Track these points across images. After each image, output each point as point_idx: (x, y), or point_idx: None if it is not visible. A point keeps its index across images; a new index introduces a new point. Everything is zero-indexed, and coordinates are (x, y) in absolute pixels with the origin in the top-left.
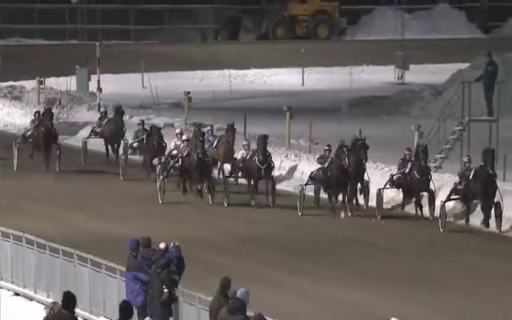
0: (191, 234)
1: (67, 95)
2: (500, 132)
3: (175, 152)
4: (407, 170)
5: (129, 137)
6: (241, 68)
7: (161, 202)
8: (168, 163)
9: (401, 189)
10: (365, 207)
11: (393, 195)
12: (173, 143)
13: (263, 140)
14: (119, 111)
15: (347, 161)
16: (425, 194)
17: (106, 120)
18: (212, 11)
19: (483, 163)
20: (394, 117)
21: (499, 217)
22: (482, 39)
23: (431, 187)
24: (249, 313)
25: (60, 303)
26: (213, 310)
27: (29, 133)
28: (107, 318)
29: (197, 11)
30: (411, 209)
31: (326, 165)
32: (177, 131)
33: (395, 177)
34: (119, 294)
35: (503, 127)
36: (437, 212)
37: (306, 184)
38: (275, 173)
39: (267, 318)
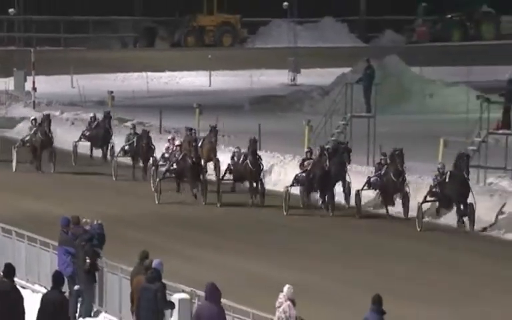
0: (119, 213)
1: (6, 93)
2: (377, 127)
3: (167, 155)
4: (383, 172)
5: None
6: (156, 71)
7: (157, 202)
8: (160, 165)
9: (377, 191)
10: (346, 206)
11: (373, 196)
12: (165, 147)
13: (253, 142)
14: (107, 116)
15: (327, 163)
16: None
17: (95, 124)
18: (131, 22)
19: (455, 167)
20: (288, 113)
21: (471, 217)
22: (362, 47)
23: (406, 188)
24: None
25: (1, 272)
26: (133, 279)
27: (27, 138)
28: (41, 286)
29: (118, 22)
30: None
31: (309, 168)
32: (169, 136)
33: (372, 179)
34: (52, 265)
35: (379, 122)
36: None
37: (291, 185)
38: None
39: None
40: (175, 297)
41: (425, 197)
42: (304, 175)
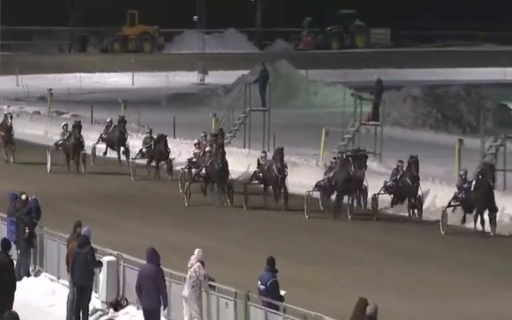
0: (58, 191)
1: None
2: (271, 119)
3: (194, 160)
4: (398, 177)
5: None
6: (88, 72)
7: (187, 204)
8: (190, 169)
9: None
10: (363, 209)
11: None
12: (192, 152)
13: (281, 152)
14: (122, 121)
15: (352, 168)
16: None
17: (111, 128)
18: (67, 31)
19: (481, 175)
20: (198, 107)
21: (493, 221)
22: (258, 53)
23: (419, 193)
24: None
25: None
26: (69, 244)
27: (60, 142)
28: None
29: (56, 31)
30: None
31: (331, 174)
32: (195, 141)
33: (388, 184)
34: (1, 233)
35: (272, 115)
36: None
37: (313, 190)
38: None
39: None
40: (104, 259)
41: (450, 202)
42: (326, 180)
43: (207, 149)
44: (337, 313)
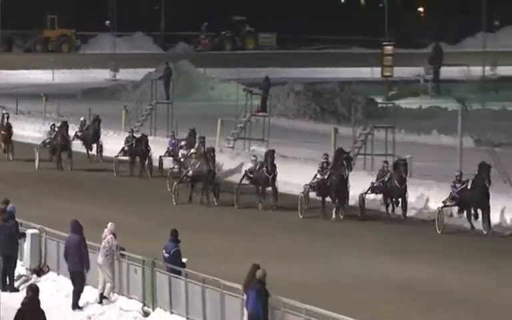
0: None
1: None
2: (174, 110)
3: (182, 160)
4: (386, 178)
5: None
6: (13, 69)
7: (174, 204)
8: (178, 170)
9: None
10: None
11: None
12: (180, 153)
13: (272, 154)
14: (97, 120)
15: (346, 172)
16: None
17: (85, 127)
18: None
19: (476, 175)
20: (110, 100)
21: (487, 220)
22: (162, 54)
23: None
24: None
25: None
26: None
27: (48, 141)
28: None
29: None
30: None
31: (326, 176)
32: (182, 143)
33: (375, 184)
34: None
35: (175, 107)
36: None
37: (308, 191)
38: None
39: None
40: (28, 232)
41: (445, 202)
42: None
43: (193, 151)
44: (233, 277)
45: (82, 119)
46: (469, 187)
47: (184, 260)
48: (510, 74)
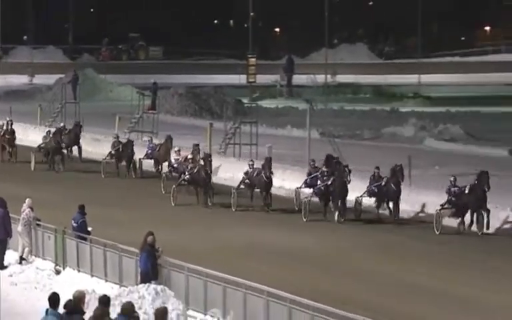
0: None
1: None
2: (81, 109)
3: (176, 165)
4: (383, 183)
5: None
6: None
7: (173, 205)
8: (171, 173)
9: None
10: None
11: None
12: (173, 158)
13: (269, 161)
14: (78, 125)
15: (349, 178)
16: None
17: (67, 131)
18: None
19: (477, 181)
20: (27, 100)
21: (481, 222)
22: (70, 63)
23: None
24: None
25: None
26: None
27: (43, 145)
28: None
29: None
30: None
31: (330, 182)
32: (176, 148)
33: (372, 188)
34: None
35: (82, 106)
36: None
37: (311, 197)
38: None
39: None
40: None
41: (443, 205)
42: (322, 187)
43: (189, 156)
44: (131, 243)
45: (61, 124)
46: (466, 191)
47: (89, 229)
48: (346, 81)
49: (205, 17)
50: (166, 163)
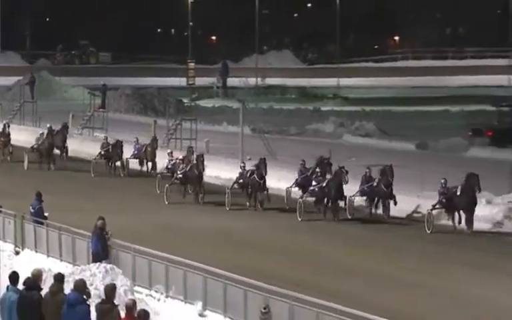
0: None
1: None
2: (38, 107)
3: (170, 166)
4: (375, 184)
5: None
6: None
7: (167, 203)
8: (166, 174)
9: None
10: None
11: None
12: (167, 160)
13: (264, 162)
14: (65, 127)
15: (346, 179)
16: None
17: (55, 132)
18: None
19: (467, 182)
20: None
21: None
22: (28, 66)
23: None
24: None
25: None
26: None
27: (36, 146)
28: None
29: None
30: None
31: (324, 184)
32: (168, 151)
33: (365, 188)
34: None
35: (39, 105)
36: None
37: (306, 196)
38: None
39: None
40: None
41: (434, 206)
42: (317, 188)
43: (181, 157)
44: (85, 227)
45: (48, 125)
46: (458, 193)
47: (46, 214)
48: (274, 83)
49: (150, 26)
50: (153, 162)
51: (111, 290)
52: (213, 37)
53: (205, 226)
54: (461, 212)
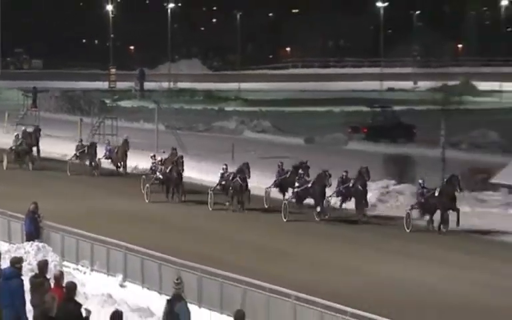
0: None
1: None
2: None
3: (154, 168)
4: (351, 184)
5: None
6: None
7: (147, 201)
8: (150, 176)
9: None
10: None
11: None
12: (150, 163)
13: (247, 166)
14: (37, 129)
15: (329, 181)
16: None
17: (27, 134)
18: None
19: (447, 183)
20: None
21: (446, 222)
22: None
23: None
24: None
25: None
26: None
27: (14, 147)
28: None
29: None
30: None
31: (309, 185)
32: (151, 154)
33: (341, 189)
34: None
35: None
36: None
37: (292, 198)
38: None
39: None
40: None
41: (413, 206)
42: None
43: (164, 158)
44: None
45: (23, 128)
46: (436, 194)
47: None
48: (184, 87)
49: (76, 37)
50: (124, 162)
51: (43, 265)
52: (131, 47)
53: (135, 210)
54: (438, 211)
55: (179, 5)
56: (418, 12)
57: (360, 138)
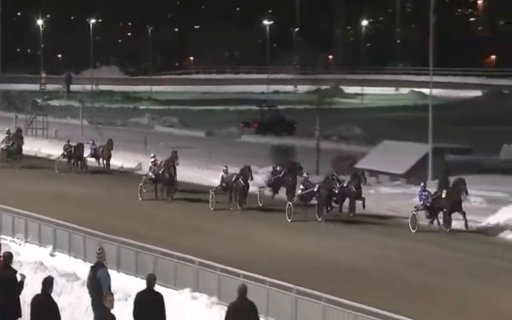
0: None
1: None
2: None
3: (152, 169)
4: (345, 184)
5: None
6: None
7: (140, 199)
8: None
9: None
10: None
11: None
12: (150, 164)
13: (249, 169)
14: (19, 131)
15: (337, 185)
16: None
17: (11, 136)
18: None
19: (453, 186)
20: None
21: (447, 222)
22: None
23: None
24: None
25: None
26: None
27: (3, 146)
28: None
29: None
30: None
31: (316, 188)
32: (151, 155)
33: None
34: None
35: None
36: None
37: (297, 201)
38: None
39: None
40: None
41: (417, 208)
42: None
43: (160, 160)
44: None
45: (7, 129)
46: (443, 196)
47: None
48: (105, 89)
49: (11, 46)
50: (108, 161)
51: None
52: (59, 55)
53: (78, 194)
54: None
55: (99, 21)
56: (297, 29)
57: (251, 132)
